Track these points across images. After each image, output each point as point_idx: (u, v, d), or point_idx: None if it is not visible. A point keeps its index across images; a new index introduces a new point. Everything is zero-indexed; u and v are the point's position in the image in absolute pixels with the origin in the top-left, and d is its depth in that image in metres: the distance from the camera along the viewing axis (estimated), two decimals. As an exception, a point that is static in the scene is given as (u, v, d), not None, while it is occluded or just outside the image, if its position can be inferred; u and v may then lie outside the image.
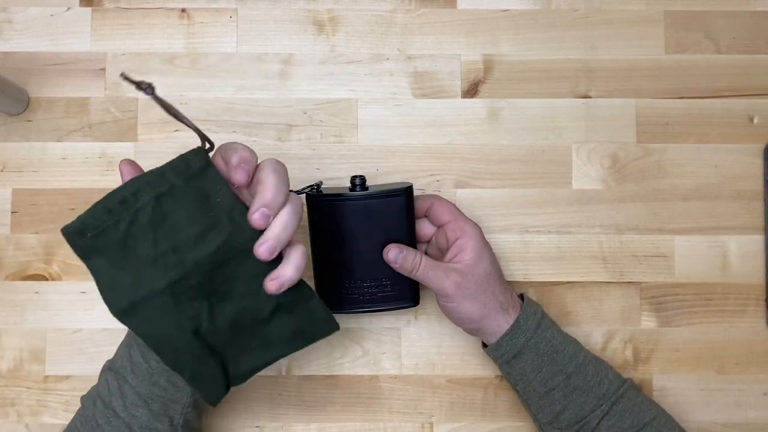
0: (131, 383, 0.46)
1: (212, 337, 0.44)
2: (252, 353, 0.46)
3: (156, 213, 0.41)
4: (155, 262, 0.41)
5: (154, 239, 0.41)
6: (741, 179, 0.61)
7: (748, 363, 0.59)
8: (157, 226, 0.41)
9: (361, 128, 0.61)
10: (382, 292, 0.54)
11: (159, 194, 0.41)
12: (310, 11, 0.62)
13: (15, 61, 0.61)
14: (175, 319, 0.42)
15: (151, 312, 0.42)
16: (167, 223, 0.42)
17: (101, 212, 0.41)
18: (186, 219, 0.42)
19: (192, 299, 0.43)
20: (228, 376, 0.46)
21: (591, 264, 0.60)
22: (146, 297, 0.42)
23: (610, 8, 0.62)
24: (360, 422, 0.59)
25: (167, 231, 0.42)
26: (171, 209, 0.42)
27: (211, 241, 0.42)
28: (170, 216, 0.42)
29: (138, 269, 0.42)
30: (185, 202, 0.42)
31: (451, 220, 0.53)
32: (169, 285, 0.42)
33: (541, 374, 0.51)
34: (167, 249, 0.42)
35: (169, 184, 0.42)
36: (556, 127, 0.61)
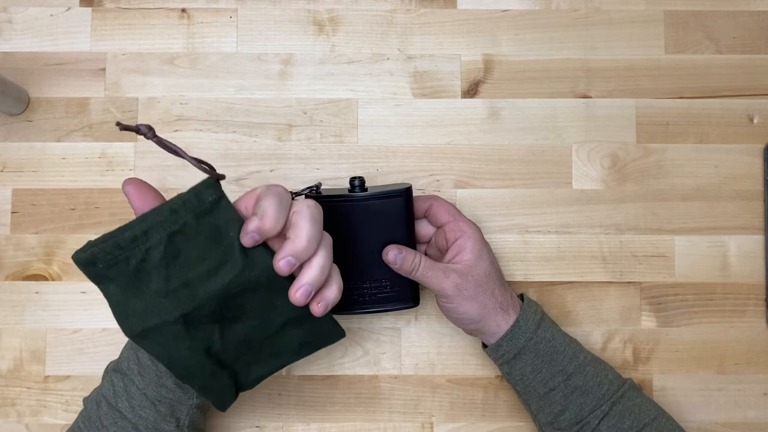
0: (138, 385, 0.46)
1: (223, 354, 0.44)
2: (261, 363, 0.47)
3: (168, 251, 0.41)
4: (167, 295, 0.41)
5: (167, 276, 0.41)
6: (741, 179, 0.61)
7: (748, 363, 0.59)
8: (169, 263, 0.41)
9: (361, 128, 0.61)
10: (382, 292, 0.54)
11: (171, 233, 0.40)
12: (310, 11, 0.62)
13: (15, 61, 0.61)
14: (187, 344, 0.42)
15: (163, 338, 0.42)
16: (179, 260, 0.41)
17: (112, 247, 0.40)
18: (198, 255, 0.41)
19: (204, 324, 0.43)
20: (238, 384, 0.47)
21: (591, 264, 0.60)
22: (158, 325, 0.41)
23: (610, 8, 0.62)
24: (360, 422, 0.59)
25: (179, 267, 0.41)
26: (183, 247, 0.41)
27: (223, 276, 0.41)
28: (182, 253, 0.41)
29: (150, 300, 0.41)
30: (198, 240, 0.41)
31: (450, 221, 0.53)
32: (181, 316, 0.41)
33: (541, 374, 0.51)
34: (179, 284, 0.41)
35: (181, 222, 0.41)
36: (556, 127, 0.61)
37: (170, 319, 0.41)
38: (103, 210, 0.60)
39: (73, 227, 0.60)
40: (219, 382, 0.45)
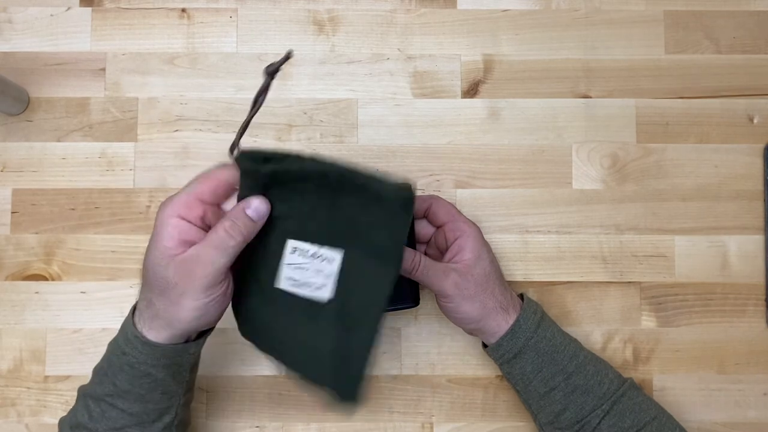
0: (121, 407, 0.45)
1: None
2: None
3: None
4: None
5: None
6: (741, 179, 0.61)
7: (748, 363, 0.59)
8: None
9: (361, 128, 0.61)
10: (382, 292, 0.54)
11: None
12: (310, 11, 0.62)
13: (15, 61, 0.61)
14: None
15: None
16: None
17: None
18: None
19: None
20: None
21: (591, 264, 0.60)
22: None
23: (610, 8, 0.62)
24: (360, 422, 0.59)
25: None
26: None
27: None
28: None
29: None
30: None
31: (450, 221, 0.53)
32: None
33: (542, 374, 0.51)
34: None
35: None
36: (556, 127, 0.61)
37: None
38: (103, 210, 0.60)
39: (73, 227, 0.60)
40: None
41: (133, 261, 0.59)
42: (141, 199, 0.60)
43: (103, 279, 0.59)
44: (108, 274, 0.59)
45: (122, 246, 0.59)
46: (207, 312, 0.43)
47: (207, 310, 0.42)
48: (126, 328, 0.45)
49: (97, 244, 0.60)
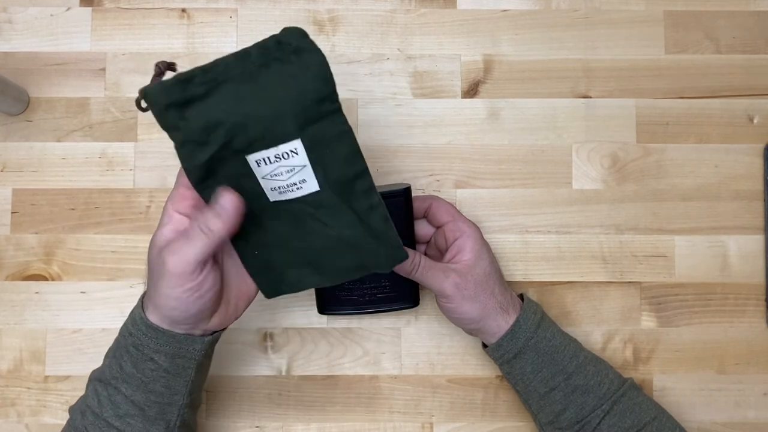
0: (125, 392, 0.45)
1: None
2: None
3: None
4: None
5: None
6: (741, 179, 0.61)
7: (748, 363, 0.59)
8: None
9: (361, 128, 0.61)
10: (382, 293, 0.54)
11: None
12: (310, 11, 0.62)
13: (15, 61, 0.61)
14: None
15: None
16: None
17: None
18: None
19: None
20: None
21: (591, 264, 0.60)
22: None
23: (610, 8, 0.62)
24: (360, 422, 0.59)
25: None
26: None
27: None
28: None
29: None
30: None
31: (449, 221, 0.53)
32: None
33: (542, 374, 0.51)
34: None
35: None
36: (556, 127, 0.61)
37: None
38: (103, 210, 0.60)
39: (73, 227, 0.60)
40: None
41: (133, 261, 0.59)
42: (141, 199, 0.60)
43: (103, 279, 0.59)
44: (108, 274, 0.59)
45: (122, 246, 0.59)
46: (183, 303, 0.43)
47: (182, 301, 0.42)
48: (135, 311, 0.46)
49: (97, 244, 0.60)
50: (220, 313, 0.46)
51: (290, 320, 0.59)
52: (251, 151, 0.41)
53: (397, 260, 0.46)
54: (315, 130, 0.41)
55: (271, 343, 0.59)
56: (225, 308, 0.46)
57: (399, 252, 0.45)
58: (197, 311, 0.44)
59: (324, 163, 0.42)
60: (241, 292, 0.47)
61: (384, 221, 0.44)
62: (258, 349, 0.59)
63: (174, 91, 0.39)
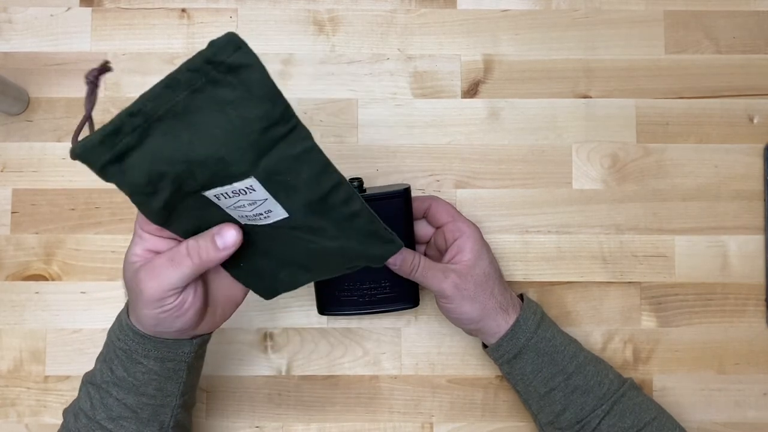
0: (116, 396, 0.45)
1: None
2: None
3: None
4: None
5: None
6: (741, 179, 0.61)
7: (748, 363, 0.59)
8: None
9: (361, 128, 0.61)
10: (382, 293, 0.54)
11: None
12: (310, 11, 0.62)
13: (15, 61, 0.61)
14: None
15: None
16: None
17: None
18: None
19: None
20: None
21: (591, 264, 0.60)
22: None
23: (610, 8, 0.62)
24: (360, 422, 0.59)
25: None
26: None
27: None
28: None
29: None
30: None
31: (449, 221, 0.53)
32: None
33: (542, 374, 0.51)
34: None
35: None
36: (556, 127, 0.61)
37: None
38: (103, 210, 0.60)
39: (73, 227, 0.60)
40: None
41: (133, 261, 0.59)
42: (141, 199, 0.60)
43: (103, 279, 0.59)
44: (108, 274, 0.59)
45: (122, 246, 0.59)
46: (162, 321, 0.42)
47: (161, 320, 0.42)
48: (121, 315, 0.46)
49: (97, 244, 0.60)
50: (208, 319, 0.45)
51: (290, 320, 0.59)
52: (206, 190, 0.37)
53: (390, 253, 0.43)
54: (270, 160, 0.36)
55: (271, 343, 0.59)
56: (212, 314, 0.46)
57: (391, 245, 0.42)
58: (180, 327, 0.43)
59: (288, 190, 0.38)
60: (228, 297, 0.46)
61: (370, 223, 0.40)
62: (258, 349, 0.59)
63: (103, 149, 0.35)
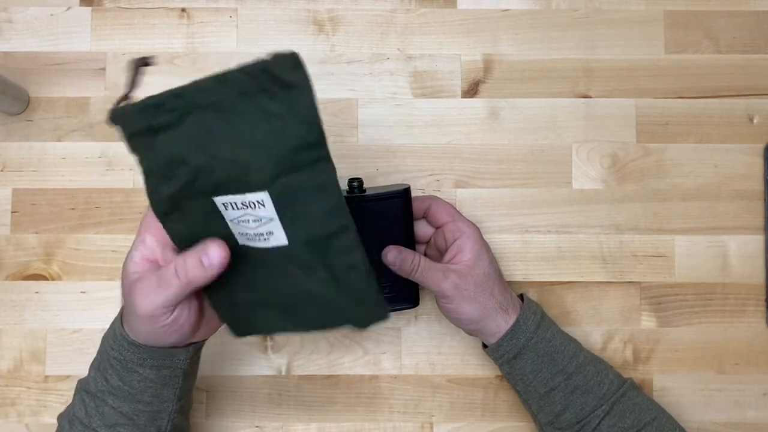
0: (112, 404, 0.45)
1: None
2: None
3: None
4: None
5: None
6: (741, 179, 0.61)
7: (747, 363, 0.59)
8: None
9: (361, 128, 0.61)
10: (382, 293, 0.54)
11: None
12: (310, 11, 0.62)
13: (15, 61, 0.61)
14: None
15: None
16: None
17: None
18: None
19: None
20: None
21: (591, 264, 0.60)
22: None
23: (610, 8, 0.62)
24: (360, 422, 0.59)
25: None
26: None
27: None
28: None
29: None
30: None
31: (449, 221, 0.53)
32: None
33: (542, 374, 0.51)
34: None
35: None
36: (556, 127, 0.61)
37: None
38: (103, 210, 0.60)
39: (73, 227, 0.60)
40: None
41: (133, 261, 0.59)
42: (141, 199, 0.60)
43: (103, 279, 0.59)
44: (108, 274, 0.59)
45: (122, 246, 0.59)
46: (158, 336, 0.42)
47: (157, 335, 0.42)
48: (114, 325, 0.45)
49: (97, 244, 0.60)
50: (203, 328, 0.45)
51: (290, 320, 0.59)
52: (217, 194, 0.38)
53: (377, 319, 0.42)
54: (289, 182, 0.36)
55: (271, 343, 0.59)
56: (207, 324, 0.46)
57: (381, 311, 0.41)
58: (175, 340, 0.43)
59: (296, 217, 0.37)
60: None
61: (365, 280, 0.39)
62: (258, 349, 0.59)
63: (141, 118, 0.36)
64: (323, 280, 0.40)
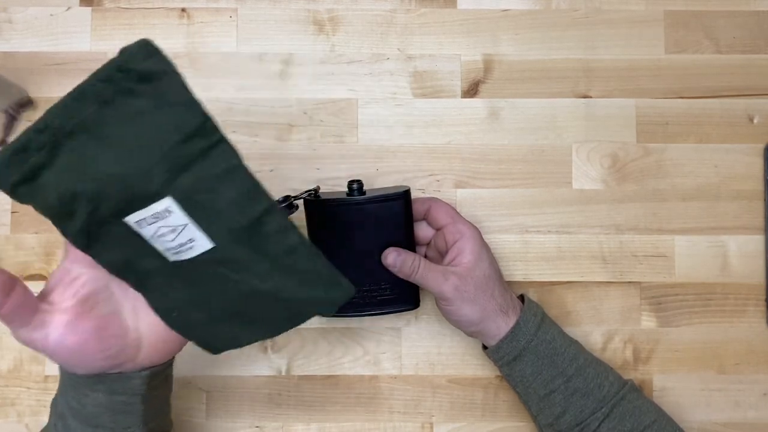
0: (74, 427, 0.42)
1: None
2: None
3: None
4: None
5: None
6: (741, 179, 0.61)
7: (748, 363, 0.59)
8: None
9: (361, 128, 0.61)
10: (382, 295, 0.54)
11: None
12: (310, 11, 0.62)
13: (15, 61, 0.61)
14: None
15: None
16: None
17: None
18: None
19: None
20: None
21: (591, 264, 0.60)
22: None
23: (610, 8, 0.62)
24: (360, 422, 0.59)
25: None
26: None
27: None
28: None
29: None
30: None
31: (449, 223, 0.53)
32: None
33: (542, 376, 0.51)
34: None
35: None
36: (556, 127, 0.61)
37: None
38: (103, 210, 0.60)
39: (73, 227, 0.60)
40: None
41: (133, 261, 0.59)
42: (141, 199, 0.60)
43: (103, 279, 0.59)
44: (108, 274, 0.59)
45: (122, 246, 0.59)
46: (73, 361, 0.41)
47: (71, 360, 0.40)
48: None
49: (97, 245, 0.59)
50: (147, 351, 0.41)
51: (290, 320, 0.59)
52: (125, 215, 0.35)
53: (341, 299, 0.39)
54: (187, 178, 0.33)
55: (271, 342, 0.59)
56: (153, 348, 0.42)
57: (342, 287, 0.38)
58: (100, 366, 0.40)
59: (210, 215, 0.35)
60: (164, 329, 0.42)
61: (311, 259, 0.37)
62: (258, 349, 0.59)
63: (12, 168, 0.33)
64: (267, 274, 0.37)
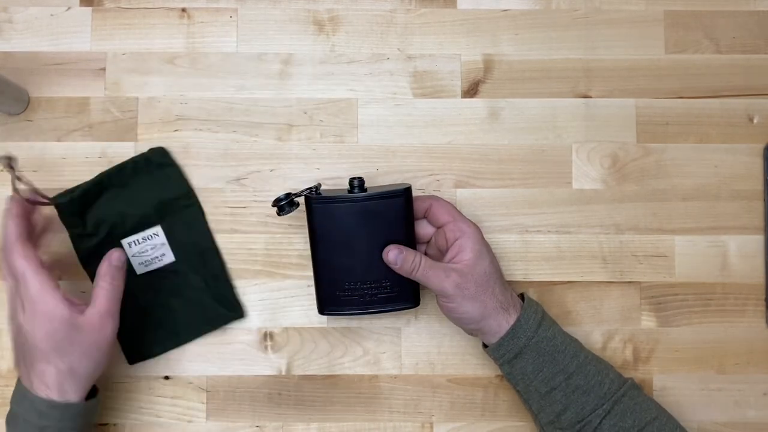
0: None
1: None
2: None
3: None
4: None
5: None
6: (741, 179, 0.61)
7: (748, 363, 0.59)
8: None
9: (361, 128, 0.61)
10: (382, 293, 0.54)
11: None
12: (310, 11, 0.62)
13: (15, 61, 0.61)
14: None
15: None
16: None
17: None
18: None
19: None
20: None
21: (591, 264, 0.60)
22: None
23: (610, 8, 0.62)
24: (360, 422, 0.59)
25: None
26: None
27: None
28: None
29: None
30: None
31: (450, 221, 0.53)
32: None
33: (542, 374, 0.51)
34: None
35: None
36: (556, 127, 0.61)
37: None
38: (103, 210, 0.60)
39: (73, 227, 0.60)
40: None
41: (133, 261, 0.59)
42: (141, 199, 0.60)
43: (103, 279, 0.59)
44: (108, 274, 0.59)
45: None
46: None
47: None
48: (31, 403, 0.47)
49: (97, 244, 0.60)
50: (48, 373, 0.47)
51: (290, 320, 0.59)
52: (126, 236, 0.58)
53: (231, 319, 0.59)
54: (172, 218, 0.58)
55: (271, 342, 0.59)
56: (53, 366, 0.48)
57: (235, 312, 0.59)
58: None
59: (178, 241, 0.58)
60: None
61: (226, 288, 0.59)
62: (258, 348, 0.59)
63: (80, 202, 0.57)
64: (197, 286, 0.59)
